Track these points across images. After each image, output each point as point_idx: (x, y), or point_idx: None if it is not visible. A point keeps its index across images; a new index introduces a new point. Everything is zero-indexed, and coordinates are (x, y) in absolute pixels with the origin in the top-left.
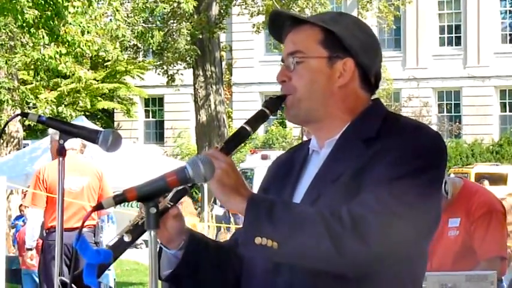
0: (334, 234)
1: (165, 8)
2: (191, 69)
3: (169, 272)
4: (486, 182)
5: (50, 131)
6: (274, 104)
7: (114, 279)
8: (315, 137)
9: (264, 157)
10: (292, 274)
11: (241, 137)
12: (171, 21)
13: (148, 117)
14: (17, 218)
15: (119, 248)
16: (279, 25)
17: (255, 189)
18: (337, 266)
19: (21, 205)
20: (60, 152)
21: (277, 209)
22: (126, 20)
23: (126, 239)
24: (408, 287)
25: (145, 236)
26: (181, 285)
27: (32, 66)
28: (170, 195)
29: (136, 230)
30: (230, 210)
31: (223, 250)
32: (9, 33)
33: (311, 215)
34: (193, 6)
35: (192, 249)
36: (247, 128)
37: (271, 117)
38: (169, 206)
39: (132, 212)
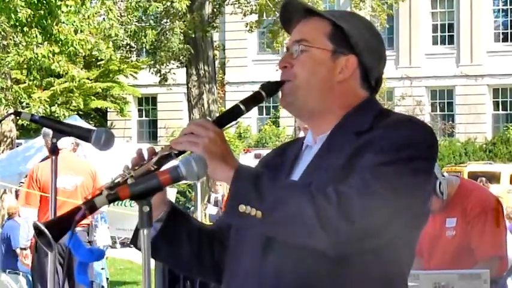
0: (318, 207)
1: (158, 7)
2: (184, 69)
3: None
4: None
5: (43, 130)
6: (271, 88)
7: (107, 278)
8: (311, 131)
9: (258, 156)
10: (280, 258)
11: (234, 114)
12: (164, 20)
13: (142, 116)
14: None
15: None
16: (290, 15)
17: None
18: (318, 240)
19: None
20: (53, 151)
21: (264, 180)
22: (119, 19)
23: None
24: (391, 274)
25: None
26: (157, 257)
27: (25, 66)
28: (155, 159)
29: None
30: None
31: (204, 230)
32: (2, 33)
33: (297, 188)
34: (186, 5)
35: (170, 222)
36: (241, 106)
37: (264, 116)
38: (153, 169)
39: (124, 211)
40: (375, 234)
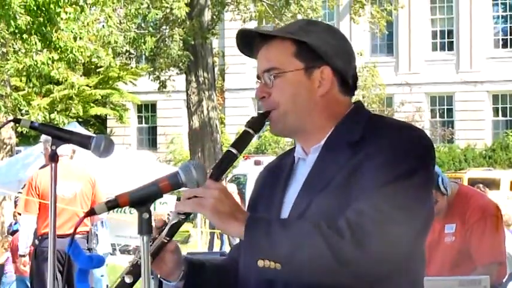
0: (333, 245)
1: (157, 14)
2: (184, 75)
3: None
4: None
5: (42, 137)
6: (258, 123)
7: (108, 285)
8: (300, 145)
9: (257, 163)
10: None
11: (228, 160)
12: (164, 27)
13: (141, 123)
14: (16, 223)
15: None
16: (249, 42)
17: (248, 194)
18: (339, 277)
19: (15, 211)
20: (53, 158)
21: (275, 229)
22: (118, 26)
23: (127, 280)
24: (416, 283)
25: (138, 242)
26: None
27: (25, 73)
28: (166, 230)
29: (136, 270)
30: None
31: (220, 270)
32: (2, 40)
33: (309, 230)
34: (186, 12)
35: (192, 279)
36: (233, 151)
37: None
38: (165, 241)
39: (124, 217)
40: (393, 258)
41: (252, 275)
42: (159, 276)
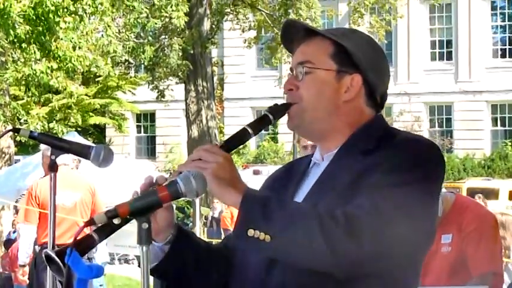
0: (327, 231)
1: (156, 24)
2: (183, 85)
3: (154, 264)
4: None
5: (42, 146)
6: (278, 111)
7: None
8: (319, 148)
9: (256, 172)
10: (285, 275)
11: (241, 137)
12: (163, 36)
13: (140, 133)
14: (15, 232)
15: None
16: (291, 35)
17: None
18: (328, 264)
19: (14, 220)
20: (52, 168)
21: (272, 203)
22: (117, 36)
23: (116, 221)
24: None
25: (138, 251)
26: (165, 279)
27: (24, 82)
28: (164, 184)
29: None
30: (221, 226)
31: (211, 250)
32: (1, 49)
33: (305, 211)
34: (185, 21)
35: (178, 245)
36: (249, 130)
37: (263, 132)
38: None
39: (124, 227)
40: (385, 256)
41: (250, 262)
42: None
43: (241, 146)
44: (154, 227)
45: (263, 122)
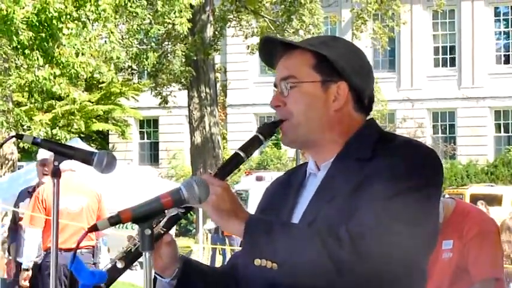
0: (332, 253)
1: (159, 30)
2: (186, 91)
3: None
4: (480, 203)
5: (39, 155)
6: (268, 130)
7: None
8: (312, 159)
9: (259, 178)
10: None
11: (235, 162)
12: (166, 42)
13: (143, 139)
14: None
15: (112, 274)
16: (270, 51)
17: (250, 210)
18: (336, 285)
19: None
20: (55, 174)
21: (275, 230)
22: (120, 42)
23: (119, 265)
24: None
25: (141, 257)
26: None
27: (27, 88)
28: (163, 221)
29: (129, 257)
30: (225, 233)
31: (218, 275)
32: (4, 55)
33: (309, 235)
34: (188, 27)
35: (185, 279)
36: (241, 154)
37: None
38: (162, 232)
39: (126, 233)
40: (392, 270)
41: (256, 278)
42: (154, 271)
43: None
44: (160, 263)
45: (254, 143)
